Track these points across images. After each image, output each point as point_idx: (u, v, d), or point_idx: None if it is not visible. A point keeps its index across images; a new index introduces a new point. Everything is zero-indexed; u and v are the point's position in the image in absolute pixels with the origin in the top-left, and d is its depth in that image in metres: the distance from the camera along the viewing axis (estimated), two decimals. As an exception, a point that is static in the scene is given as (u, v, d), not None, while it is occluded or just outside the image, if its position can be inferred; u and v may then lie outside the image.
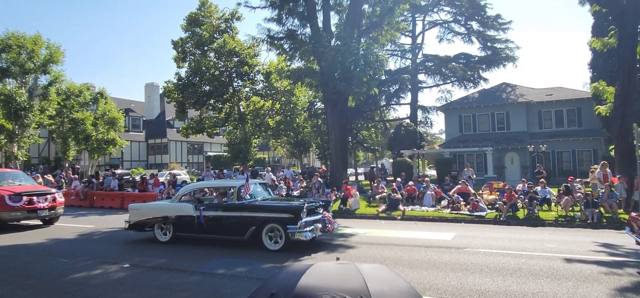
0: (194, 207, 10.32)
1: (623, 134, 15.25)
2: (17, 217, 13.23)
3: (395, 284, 2.12)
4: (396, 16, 20.81)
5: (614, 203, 13.84)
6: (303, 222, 9.26)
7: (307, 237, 9.23)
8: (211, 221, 10.06)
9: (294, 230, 9.13)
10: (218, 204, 10.47)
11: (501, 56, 36.53)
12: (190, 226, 10.23)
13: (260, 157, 50.90)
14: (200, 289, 6.79)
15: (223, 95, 30.71)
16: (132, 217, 11.06)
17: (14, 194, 13.11)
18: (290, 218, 9.26)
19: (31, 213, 13.35)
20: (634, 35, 15.18)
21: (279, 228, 9.35)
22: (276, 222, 9.42)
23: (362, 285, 2.01)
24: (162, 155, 51.62)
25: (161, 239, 10.62)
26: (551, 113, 32.15)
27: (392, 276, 2.19)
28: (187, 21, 31.27)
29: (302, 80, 21.40)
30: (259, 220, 9.54)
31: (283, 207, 9.82)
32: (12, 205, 12.95)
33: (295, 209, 9.39)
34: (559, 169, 30.16)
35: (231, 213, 9.93)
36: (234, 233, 9.83)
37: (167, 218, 10.63)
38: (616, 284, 6.66)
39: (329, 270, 2.19)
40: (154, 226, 10.72)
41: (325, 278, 2.12)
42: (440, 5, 38.57)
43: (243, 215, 9.73)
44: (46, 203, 13.64)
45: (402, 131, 35.02)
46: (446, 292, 6.41)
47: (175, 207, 10.72)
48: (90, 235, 12.50)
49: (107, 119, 36.99)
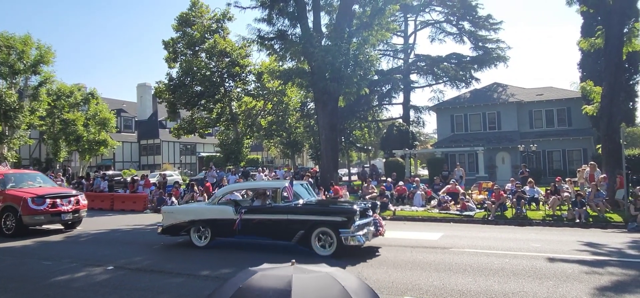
0: (234, 209, 9.79)
1: (610, 133, 15.39)
2: (41, 221, 12.60)
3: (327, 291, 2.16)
4: (386, 16, 20.80)
5: (600, 202, 13.96)
6: (356, 226, 8.71)
7: (361, 241, 8.68)
8: (254, 224, 9.54)
9: (347, 235, 8.55)
10: (261, 207, 9.89)
11: (492, 56, 36.70)
12: (230, 230, 9.66)
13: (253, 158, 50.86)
14: (182, 291, 6.78)
15: (214, 96, 30.63)
16: (166, 220, 10.51)
17: (37, 197, 12.47)
18: (343, 222, 8.68)
19: (55, 216, 12.77)
20: (620, 36, 15.33)
21: (330, 232, 8.79)
22: (327, 225, 8.87)
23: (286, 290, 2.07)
24: (154, 156, 51.39)
25: (198, 244, 10.07)
26: (542, 113, 32.38)
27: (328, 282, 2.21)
28: (178, 21, 31.16)
29: (293, 80, 21.37)
30: (308, 224, 9.00)
31: (335, 209, 9.36)
32: (36, 209, 12.28)
33: (348, 212, 8.88)
34: (550, 169, 30.37)
35: (277, 216, 9.37)
36: (280, 237, 9.35)
37: (204, 221, 10.08)
38: (596, 283, 6.72)
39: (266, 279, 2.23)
40: (190, 230, 10.18)
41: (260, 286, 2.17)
42: (431, 5, 38.69)
43: (290, 218, 9.19)
44: (70, 206, 13.08)
45: (395, 131, 35.10)
46: (428, 292, 6.44)
47: (214, 210, 10.14)
48: (76, 237, 12.43)
49: (99, 120, 36.82)
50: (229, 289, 2.25)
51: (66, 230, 13.51)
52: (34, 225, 12.59)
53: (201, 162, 50.72)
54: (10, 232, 12.21)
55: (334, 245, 8.74)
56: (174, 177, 32.91)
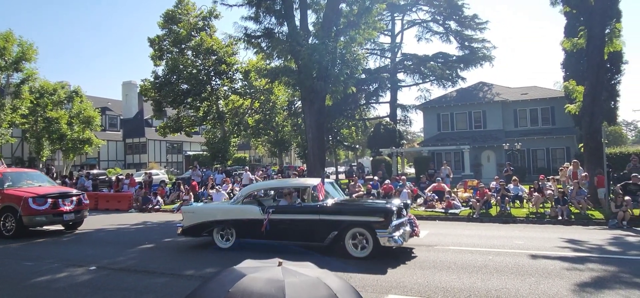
0: (260, 209, 9.35)
1: (592, 132, 15.65)
2: (42, 222, 12.21)
3: (317, 294, 2.15)
4: (374, 15, 20.83)
5: (582, 200, 14.21)
6: (393, 226, 8.36)
7: (399, 242, 8.35)
8: (283, 225, 9.11)
9: (384, 235, 8.19)
10: (290, 206, 9.43)
11: (478, 55, 37.08)
12: (256, 230, 9.22)
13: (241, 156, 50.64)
14: (166, 291, 6.73)
15: (201, 94, 30.33)
16: (187, 220, 10.08)
17: (38, 196, 12.07)
18: (380, 222, 8.30)
19: (57, 217, 12.43)
20: (602, 36, 15.58)
21: (365, 232, 8.41)
22: (363, 226, 8.45)
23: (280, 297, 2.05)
24: (140, 155, 50.83)
25: (222, 245, 9.66)
26: (526, 112, 32.81)
27: (318, 287, 2.21)
28: (164, 18, 30.78)
29: (280, 79, 21.29)
30: (342, 224, 8.58)
31: (371, 209, 8.92)
32: (37, 209, 11.90)
33: (386, 211, 8.48)
34: (534, 167, 30.79)
35: (308, 216, 8.90)
36: (311, 238, 8.92)
37: (228, 221, 9.67)
38: (577, 279, 6.83)
39: (257, 283, 2.19)
40: (213, 230, 9.79)
41: (251, 291, 2.13)
42: (418, 4, 38.93)
43: (322, 219, 8.74)
44: (72, 206, 12.71)
45: (382, 129, 35.25)
46: (412, 290, 6.48)
47: (239, 210, 9.67)
48: (58, 237, 12.25)
49: (83, 118, 36.24)
50: (216, 292, 2.18)
51: (67, 231, 13.18)
52: (34, 225, 12.22)
53: (188, 160, 50.32)
54: (10, 233, 11.82)
55: (369, 247, 8.36)
56: (160, 176, 32.61)
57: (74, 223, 13.26)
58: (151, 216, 17.75)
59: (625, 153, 25.82)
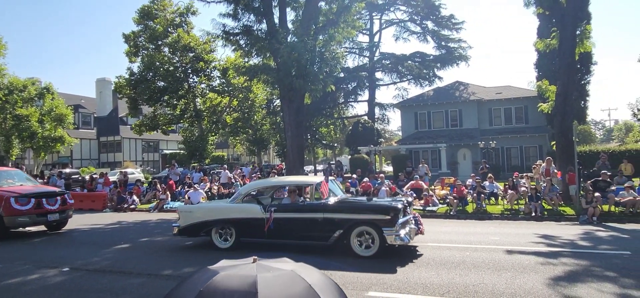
0: (262, 208, 9.09)
1: (563, 130, 16.08)
2: (25, 223, 11.59)
3: (292, 288, 2.12)
4: (353, 14, 20.90)
5: (554, 196, 14.61)
6: (400, 224, 8.26)
7: (405, 240, 8.24)
8: (285, 224, 8.86)
9: (391, 233, 8.06)
10: (294, 205, 9.14)
11: (454, 55, 37.66)
12: (258, 230, 8.96)
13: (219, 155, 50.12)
14: (143, 291, 6.60)
15: (178, 91, 29.90)
16: (183, 220, 9.74)
17: (21, 196, 11.46)
18: (387, 220, 8.17)
19: (41, 217, 11.82)
20: (573, 37, 16.03)
21: (371, 231, 8.26)
22: (369, 224, 8.31)
23: (252, 292, 2.00)
24: (115, 154, 49.77)
25: (221, 245, 9.34)
26: (501, 111, 33.52)
27: (293, 280, 2.19)
28: (139, 14, 30.21)
29: (258, 76, 21.16)
30: (348, 223, 8.42)
31: (379, 207, 8.67)
32: (19, 209, 11.28)
33: (392, 209, 8.32)
34: (508, 164, 31.49)
35: (311, 215, 8.72)
36: (315, 237, 8.74)
37: (228, 221, 9.35)
38: (551, 274, 7.02)
39: (229, 280, 2.16)
40: (211, 230, 9.47)
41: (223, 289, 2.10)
42: (396, 4, 39.26)
43: (327, 217, 8.56)
44: (56, 206, 12.13)
45: (360, 128, 35.45)
46: (391, 286, 6.53)
47: (239, 209, 9.38)
48: (29, 238, 11.86)
49: (55, 116, 35.18)
50: (189, 292, 2.13)
51: (51, 232, 12.64)
52: (17, 227, 11.59)
53: (164, 159, 49.49)
54: None
55: (375, 246, 8.23)
56: (136, 175, 31.95)
57: (58, 224, 12.66)
58: (127, 216, 17.39)
59: (594, 151, 26.69)
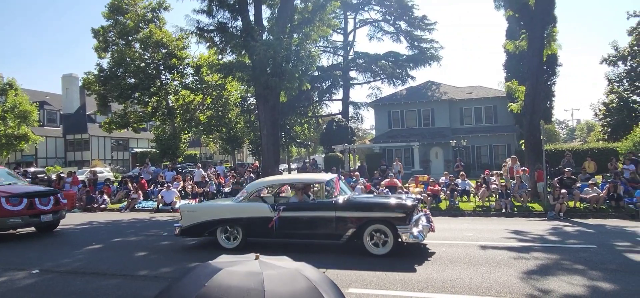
0: (270, 206, 8.87)
1: (532, 129, 16.62)
2: (17, 224, 10.91)
3: (296, 285, 2.14)
4: (328, 13, 20.96)
5: (523, 193, 15.10)
6: (413, 221, 8.19)
7: (419, 238, 8.14)
8: (295, 223, 8.70)
9: (406, 231, 7.97)
10: (304, 203, 8.99)
11: (427, 55, 38.35)
12: (265, 229, 8.73)
13: (191, 154, 49.33)
14: (119, 293, 6.43)
15: (149, 89, 29.25)
16: (185, 220, 9.38)
17: (12, 196, 10.80)
18: (401, 218, 8.05)
19: (33, 218, 11.15)
20: (541, 39, 16.59)
21: (385, 229, 8.14)
22: (382, 222, 8.18)
23: (259, 290, 2.00)
24: (82, 152, 48.26)
25: (226, 245, 9.04)
26: (471, 110, 34.35)
27: (297, 278, 2.20)
28: (109, 8, 29.37)
29: (233, 74, 20.93)
30: (361, 221, 8.26)
31: (392, 204, 8.50)
32: (11, 210, 10.62)
33: (407, 207, 8.26)
34: (478, 163, 32.30)
35: (323, 213, 8.53)
36: (327, 236, 8.58)
37: (234, 220, 9.08)
38: (524, 267, 7.25)
39: (234, 277, 2.15)
40: (216, 230, 9.17)
41: (229, 285, 2.08)
42: (370, 4, 39.65)
43: (339, 216, 8.39)
44: (50, 206, 11.51)
45: (334, 126, 35.62)
46: (371, 283, 6.61)
47: (245, 208, 9.11)
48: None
49: (18, 112, 33.79)
50: (191, 288, 2.10)
51: (42, 233, 11.98)
52: (8, 229, 10.91)
53: (135, 158, 48.31)
54: None
55: (389, 243, 8.12)
56: (105, 174, 31.09)
57: (50, 225, 12.01)
58: (97, 216, 16.90)
59: (559, 149, 27.71)
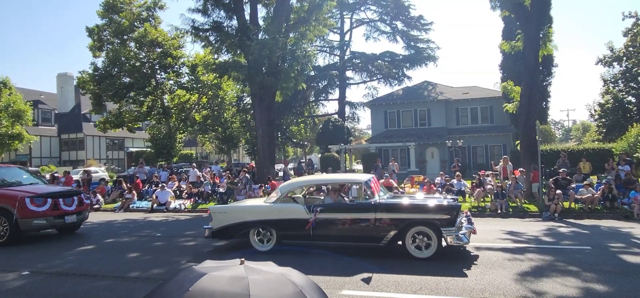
0: (306, 208, 8.54)
1: (527, 130, 16.62)
2: (41, 226, 10.57)
3: (282, 290, 2.08)
4: (324, 12, 20.97)
5: (519, 194, 15.10)
6: (458, 223, 7.95)
7: (464, 240, 7.93)
8: (333, 225, 8.43)
9: (451, 234, 7.76)
10: (342, 204, 8.80)
11: (423, 55, 38.35)
12: (301, 231, 8.46)
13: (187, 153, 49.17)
14: (110, 295, 6.37)
15: (145, 88, 29.10)
16: (216, 222, 9.07)
17: (36, 196, 10.48)
18: (447, 220, 7.82)
19: (58, 219, 10.78)
20: (537, 39, 16.59)
21: (428, 231, 7.89)
22: (426, 224, 7.92)
23: (244, 294, 1.95)
24: (77, 151, 48.03)
25: (260, 248, 8.78)
26: (467, 110, 34.36)
27: (283, 283, 2.15)
28: (103, 7, 29.19)
29: (229, 74, 20.90)
30: (403, 223, 7.99)
31: (437, 205, 8.22)
32: (35, 211, 10.27)
33: (452, 208, 8.04)
34: (474, 163, 32.32)
35: (362, 215, 8.27)
36: (366, 239, 8.37)
37: (268, 222, 8.81)
38: (518, 269, 7.23)
39: (218, 282, 2.09)
40: (249, 232, 8.89)
41: (213, 290, 2.02)
42: (367, 4, 39.62)
43: (380, 217, 8.12)
44: (74, 207, 11.18)
45: (330, 126, 35.59)
46: (363, 285, 6.56)
47: (280, 209, 8.80)
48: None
49: (12, 112, 33.51)
50: (175, 294, 2.04)
51: (65, 234, 11.64)
52: (32, 230, 10.61)
53: (130, 157, 48.13)
54: (3, 239, 10.09)
55: (433, 246, 7.88)
56: (100, 173, 30.90)
57: (73, 227, 11.69)
58: (90, 216, 16.65)
59: (555, 150, 27.73)
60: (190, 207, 17.68)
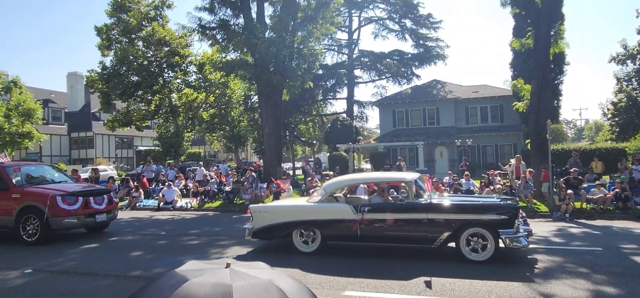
0: (353, 208, 8.22)
1: (538, 129, 16.34)
2: (73, 224, 10.35)
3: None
4: (331, 10, 20.81)
5: (528, 193, 14.83)
6: (517, 225, 7.64)
7: (524, 243, 7.54)
8: (382, 225, 8.12)
9: (510, 236, 7.40)
10: (391, 204, 8.46)
11: (432, 54, 37.99)
12: (348, 232, 8.21)
13: (195, 152, 49.34)
14: (111, 293, 6.33)
15: (152, 86, 29.17)
16: (258, 221, 8.80)
17: (68, 194, 10.26)
18: (505, 221, 7.46)
19: (89, 218, 10.57)
20: (548, 37, 16.29)
21: (485, 233, 7.52)
22: (483, 225, 7.55)
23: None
24: (87, 150, 48.43)
25: (303, 249, 8.51)
26: (477, 109, 34.00)
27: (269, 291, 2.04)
28: (112, 6, 29.29)
29: (236, 72, 20.87)
30: (457, 223, 7.66)
31: (495, 205, 7.94)
32: (67, 209, 10.05)
33: (512, 208, 7.75)
34: (484, 162, 31.97)
35: (414, 215, 7.92)
36: (418, 240, 8.07)
37: (312, 222, 8.50)
38: (527, 270, 7.05)
39: (201, 288, 1.98)
40: (292, 233, 8.61)
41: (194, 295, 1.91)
42: (375, 2, 39.36)
43: (433, 218, 7.79)
44: (104, 206, 10.98)
45: (339, 125, 35.41)
46: (368, 285, 6.43)
47: (325, 209, 8.51)
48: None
49: (22, 110, 33.82)
50: None
51: (106, 234, 11.42)
52: (63, 229, 10.39)
53: (139, 156, 48.40)
54: (34, 238, 9.90)
55: (489, 249, 7.50)
56: (108, 172, 31.10)
57: (103, 226, 11.48)
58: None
59: (566, 149, 27.30)
60: (197, 205, 17.66)
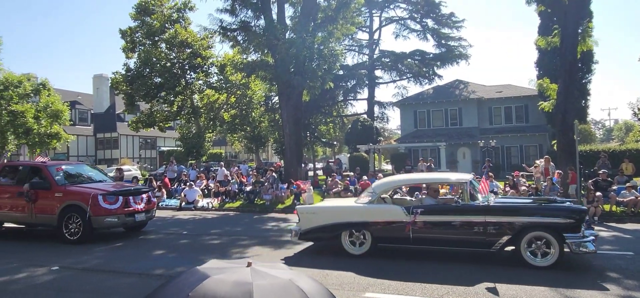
0: (405, 210, 7.98)
1: (564, 129, 15.88)
2: (113, 224, 10.40)
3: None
4: (351, 11, 20.74)
5: (555, 195, 14.40)
6: (584, 229, 7.27)
7: (591, 248, 7.06)
8: (436, 228, 7.85)
9: (576, 241, 6.97)
10: (445, 206, 8.16)
11: (454, 54, 37.42)
12: (400, 235, 7.96)
13: (216, 152, 49.93)
14: (133, 292, 6.40)
15: (175, 88, 29.65)
16: (306, 222, 8.64)
17: (108, 194, 10.35)
18: (571, 225, 7.08)
19: (128, 217, 10.62)
20: (575, 35, 15.83)
21: (548, 237, 7.12)
22: (546, 229, 7.17)
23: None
24: (112, 150, 49.56)
25: (353, 251, 8.32)
26: (501, 109, 33.35)
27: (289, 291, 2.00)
28: (136, 10, 29.93)
29: (256, 73, 20.99)
30: (517, 227, 7.28)
31: (560, 209, 7.59)
32: (108, 208, 10.13)
33: (578, 212, 7.38)
34: (508, 163, 31.33)
35: (470, 218, 7.61)
36: (474, 243, 7.70)
37: (362, 224, 8.30)
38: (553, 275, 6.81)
39: (221, 286, 1.96)
40: (341, 234, 8.42)
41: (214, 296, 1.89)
42: (396, 2, 39.02)
43: (490, 221, 7.45)
44: (142, 205, 11.06)
45: (359, 126, 35.28)
46: (390, 287, 6.35)
47: (376, 210, 8.29)
48: (17, 233, 11.63)
49: (51, 112, 34.78)
50: (174, 295, 1.96)
51: (130, 232, 11.50)
52: (104, 228, 10.49)
53: (162, 156, 49.26)
54: (76, 237, 10.00)
55: (553, 254, 7.11)
56: (132, 172, 31.71)
57: (141, 225, 11.57)
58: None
59: (594, 150, 26.50)
60: (218, 205, 17.82)
